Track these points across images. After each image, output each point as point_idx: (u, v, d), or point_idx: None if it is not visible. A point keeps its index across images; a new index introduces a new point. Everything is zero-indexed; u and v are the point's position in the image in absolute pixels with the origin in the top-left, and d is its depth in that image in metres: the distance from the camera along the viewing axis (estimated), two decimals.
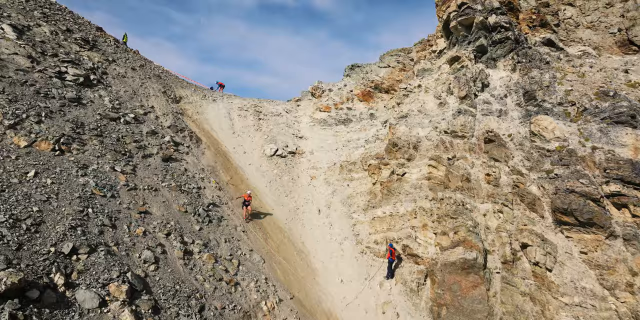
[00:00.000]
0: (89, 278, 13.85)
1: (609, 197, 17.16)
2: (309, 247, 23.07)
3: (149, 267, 16.34)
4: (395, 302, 19.44)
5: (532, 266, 17.28)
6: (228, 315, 16.41)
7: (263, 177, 27.83)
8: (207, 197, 23.13)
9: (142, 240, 17.37)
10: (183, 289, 16.23)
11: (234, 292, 17.77)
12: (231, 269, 18.91)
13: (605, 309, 15.31)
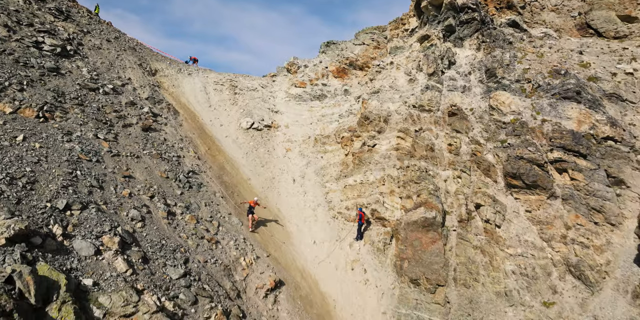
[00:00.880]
0: (84, 230, 15.71)
1: (552, 163, 20.02)
2: (284, 212, 25.40)
3: (136, 224, 18.28)
4: (363, 260, 22.08)
5: (483, 223, 20.12)
6: (210, 268, 18.63)
7: (239, 149, 29.84)
8: (187, 165, 25.08)
9: (128, 201, 19.27)
10: (169, 244, 18.30)
11: (215, 249, 19.99)
12: (212, 229, 21.08)
13: (542, 258, 18.27)
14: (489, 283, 18.50)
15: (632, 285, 15.72)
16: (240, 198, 25.04)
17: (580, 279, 17.38)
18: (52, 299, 11.88)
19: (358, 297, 20.57)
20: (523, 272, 18.28)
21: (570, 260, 17.78)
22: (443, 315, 18.50)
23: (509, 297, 18.00)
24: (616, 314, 15.53)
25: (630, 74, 23.99)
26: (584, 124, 20.65)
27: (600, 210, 18.37)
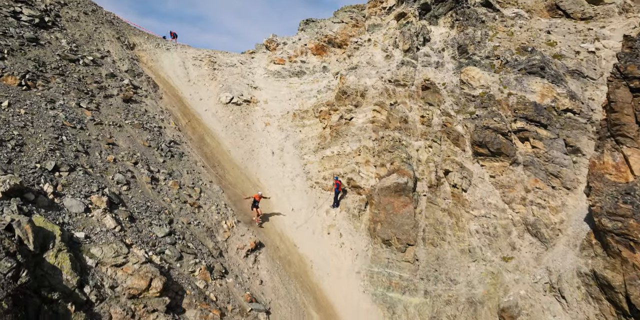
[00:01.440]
0: (73, 190, 16.87)
1: (516, 132, 21.90)
2: (264, 182, 26.84)
3: (121, 188, 19.46)
4: (339, 225, 23.77)
5: (451, 188, 21.97)
6: (193, 229, 20.01)
7: (219, 122, 31.00)
8: (168, 136, 26.18)
9: (113, 166, 20.40)
10: (153, 206, 19.57)
11: (197, 212, 21.34)
12: (194, 195, 22.39)
13: (504, 218, 20.25)
14: (455, 242, 20.45)
15: (581, 239, 17.74)
16: (220, 168, 26.34)
17: (537, 236, 19.42)
18: (48, 247, 13.14)
19: (334, 258, 22.30)
20: (486, 231, 20.25)
21: (528, 220, 19.80)
22: (412, 271, 20.42)
23: (472, 253, 19.99)
24: (565, 265, 17.56)
25: (593, 52, 25.95)
26: (547, 97, 22.53)
27: (558, 175, 20.36)
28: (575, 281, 16.85)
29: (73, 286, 12.66)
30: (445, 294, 19.24)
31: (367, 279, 21.00)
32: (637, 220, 15.06)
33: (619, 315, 15.65)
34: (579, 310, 16.49)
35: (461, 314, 18.49)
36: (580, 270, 16.83)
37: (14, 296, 10.12)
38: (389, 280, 20.54)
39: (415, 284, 20.05)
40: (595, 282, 16.26)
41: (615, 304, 15.68)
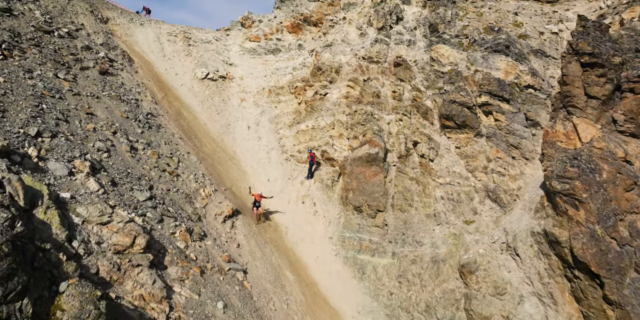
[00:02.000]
0: (56, 154, 17.85)
1: (480, 106, 23.72)
2: (240, 155, 28.10)
3: (102, 155, 20.45)
4: (313, 195, 25.33)
5: (419, 158, 23.75)
6: (173, 195, 21.23)
7: (195, 97, 31.97)
8: (145, 108, 27.10)
9: (93, 134, 21.34)
10: (134, 173, 20.67)
11: (176, 180, 22.53)
12: (172, 164, 23.53)
13: (467, 185, 22.16)
14: (421, 207, 22.29)
15: (535, 203, 19.72)
16: (197, 141, 27.44)
17: (496, 202, 21.39)
18: (37, 204, 14.22)
19: (308, 226, 23.88)
20: (450, 198, 22.12)
21: (489, 187, 21.73)
22: (381, 235, 22.23)
23: (437, 217, 21.87)
24: (520, 226, 19.57)
25: (556, 33, 27.91)
26: (510, 74, 24.40)
27: (518, 146, 22.29)
28: (529, 240, 18.88)
29: (62, 240, 13.81)
30: (411, 254, 21.13)
31: (338, 244, 22.73)
32: (582, 182, 17.05)
33: (564, 268, 17.74)
34: (531, 266, 18.54)
35: (425, 272, 20.42)
36: (533, 230, 18.86)
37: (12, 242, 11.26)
38: (360, 244, 22.32)
39: (384, 247, 21.90)
40: (545, 239, 18.30)
41: (561, 258, 17.75)
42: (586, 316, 17.10)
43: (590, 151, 17.46)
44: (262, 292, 19.22)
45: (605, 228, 16.68)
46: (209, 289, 17.59)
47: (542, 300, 18.02)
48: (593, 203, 16.92)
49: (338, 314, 20.13)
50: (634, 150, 17.47)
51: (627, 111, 17.62)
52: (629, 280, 16.22)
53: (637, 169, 17.27)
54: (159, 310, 15.17)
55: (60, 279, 11.89)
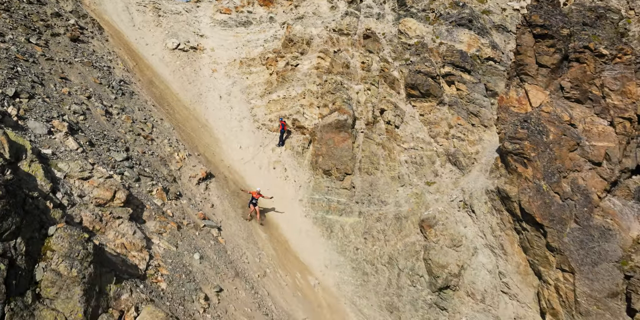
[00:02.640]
0: (35, 114, 18.88)
1: (444, 76, 25.70)
2: (212, 123, 29.40)
3: (78, 117, 21.50)
4: (284, 161, 27.01)
5: (386, 125, 25.66)
6: (148, 157, 22.49)
7: (167, 67, 32.92)
8: (118, 75, 27.99)
9: (68, 98, 22.30)
10: (110, 135, 21.82)
11: (151, 144, 23.76)
12: (146, 129, 24.70)
13: (429, 150, 24.24)
14: (387, 170, 24.28)
15: (490, 165, 21.89)
16: (170, 108, 28.57)
17: (456, 165, 23.54)
18: (21, 157, 15.39)
19: (279, 189, 25.56)
20: (413, 161, 24.17)
21: (450, 151, 23.85)
22: (349, 197, 24.19)
23: (401, 179, 23.91)
24: (477, 186, 21.76)
25: (517, 10, 30.04)
26: (472, 47, 26.41)
27: (477, 114, 24.39)
28: (483, 198, 21.08)
29: (47, 191, 15.04)
30: (376, 213, 23.15)
31: (308, 205, 24.59)
32: (530, 142, 19.24)
33: (514, 222, 20.04)
34: (485, 221, 20.78)
35: (389, 228, 22.50)
36: (488, 188, 21.05)
37: (5, 186, 12.50)
38: (328, 205, 24.24)
39: (351, 207, 23.88)
40: (498, 196, 20.52)
41: (512, 213, 20.02)
42: (532, 264, 19.49)
43: (539, 115, 19.62)
44: (235, 247, 20.87)
45: (550, 184, 18.96)
46: (185, 242, 19.11)
47: (494, 251, 20.34)
48: (540, 161, 19.16)
49: (307, 268, 22.06)
50: (578, 114, 19.73)
51: (573, 79, 19.82)
52: (568, 229, 18.58)
53: (580, 132, 19.55)
54: (140, 257, 16.59)
55: (48, 224, 13.20)
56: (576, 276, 18.01)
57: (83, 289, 12.22)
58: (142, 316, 13.68)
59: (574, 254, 18.20)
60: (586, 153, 19.34)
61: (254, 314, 17.83)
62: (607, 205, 19.20)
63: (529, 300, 19.45)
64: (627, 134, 19.30)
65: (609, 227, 18.69)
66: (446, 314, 20.07)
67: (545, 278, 18.82)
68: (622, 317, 17.69)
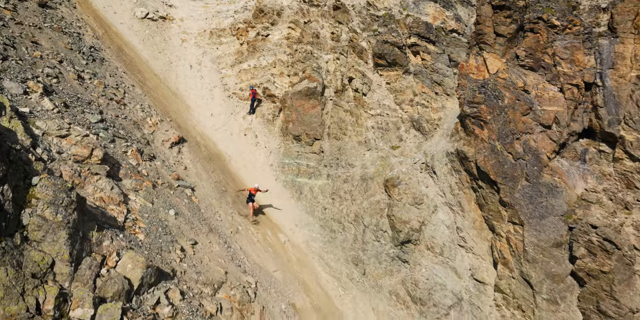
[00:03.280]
0: (10, 75, 19.76)
1: (409, 47, 27.49)
2: (183, 91, 30.49)
3: (52, 80, 22.37)
4: (255, 128, 28.50)
5: (354, 93, 27.40)
6: (122, 121, 23.59)
7: (136, 36, 33.62)
8: (87, 42, 28.68)
9: (40, 61, 23.09)
10: (84, 98, 22.79)
11: (124, 109, 24.81)
12: (119, 94, 25.69)
13: (395, 116, 26.13)
14: (354, 135, 26.10)
15: (450, 130, 23.91)
16: (141, 76, 29.49)
17: (419, 130, 25.56)
18: (1, 114, 16.43)
19: (250, 155, 27.12)
20: (380, 127, 26.07)
21: (414, 117, 25.81)
22: (318, 161, 25.98)
23: (367, 144, 25.80)
24: (438, 149, 23.83)
25: None
26: (437, 19, 28.27)
27: (441, 83, 26.35)
28: (444, 160, 23.15)
29: (28, 146, 16.17)
30: (343, 175, 25.03)
31: (279, 170, 26.31)
32: (487, 106, 21.26)
33: (471, 181, 22.18)
34: (445, 181, 22.86)
35: (355, 189, 24.42)
36: (448, 151, 23.11)
37: None
38: (298, 168, 26.01)
39: (319, 170, 25.69)
40: (457, 158, 22.60)
41: (469, 172, 22.13)
42: (486, 219, 21.71)
43: (496, 81, 21.63)
44: (208, 206, 22.35)
45: (504, 144, 21.07)
46: (160, 199, 20.47)
47: (453, 208, 22.48)
48: (495, 124, 21.22)
49: (278, 227, 23.83)
50: (532, 81, 21.79)
51: (528, 48, 21.84)
52: (519, 186, 20.78)
53: (533, 97, 21.65)
54: (118, 211, 17.90)
55: (32, 174, 14.37)
56: (525, 228, 20.30)
57: (68, 233, 13.49)
58: (123, 261, 15.07)
59: (523, 208, 20.44)
60: (537, 117, 21.49)
61: (227, 265, 19.44)
62: (555, 165, 21.47)
63: (483, 253, 21.73)
64: (575, 99, 21.51)
65: (556, 184, 20.98)
66: (407, 266, 22.23)
67: (497, 231, 21.09)
68: (564, 264, 20.10)
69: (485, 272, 21.46)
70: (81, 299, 12.78)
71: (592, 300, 19.36)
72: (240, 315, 17.97)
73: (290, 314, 19.28)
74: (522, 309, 20.17)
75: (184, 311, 15.75)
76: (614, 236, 19.25)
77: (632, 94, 20.68)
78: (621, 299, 18.83)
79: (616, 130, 20.89)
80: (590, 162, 21.62)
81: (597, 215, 20.20)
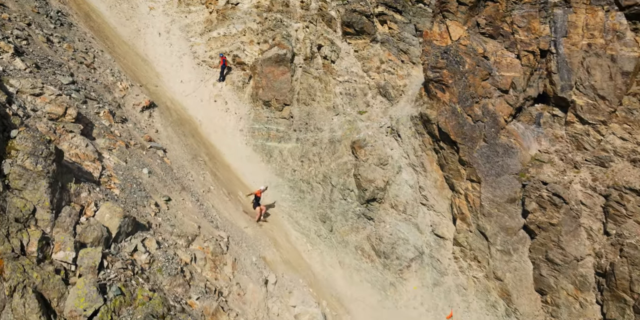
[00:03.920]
0: None
1: (377, 16, 29.04)
2: (152, 58, 31.34)
3: (21, 42, 23.03)
4: (225, 95, 29.70)
5: (323, 60, 28.88)
6: (92, 84, 24.44)
7: (102, 2, 34.07)
8: (54, 6, 29.13)
9: (8, 23, 23.66)
10: (54, 60, 23.55)
11: (94, 72, 25.63)
12: (88, 59, 26.43)
13: (362, 83, 27.76)
14: (323, 101, 27.66)
15: (415, 96, 25.70)
16: (109, 42, 30.15)
17: (385, 96, 27.29)
18: None
19: (220, 120, 28.39)
20: (347, 93, 27.69)
21: (381, 84, 27.51)
22: (287, 125, 27.49)
23: (335, 109, 27.42)
24: (403, 113, 25.63)
25: None
26: None
27: (407, 52, 28.01)
28: (408, 123, 24.98)
29: (3, 102, 17.10)
30: (312, 138, 26.66)
31: (249, 135, 27.73)
32: (448, 70, 23.06)
33: (434, 143, 24.11)
34: (409, 143, 24.71)
35: (324, 151, 26.12)
36: (413, 115, 24.95)
37: None
38: (268, 133, 27.49)
39: (289, 134, 27.23)
40: (420, 121, 24.43)
41: (432, 135, 24.03)
42: (447, 178, 23.72)
43: (457, 47, 23.38)
44: (180, 167, 23.61)
45: (464, 107, 22.97)
46: (134, 159, 21.60)
47: (416, 169, 24.40)
48: (456, 88, 23.06)
49: (248, 188, 25.30)
50: (491, 48, 23.62)
51: (488, 16, 23.62)
52: (478, 146, 22.76)
53: (492, 63, 23.51)
54: (94, 167, 18.99)
55: (10, 128, 15.38)
56: (482, 185, 22.36)
57: (48, 182, 14.60)
58: (101, 211, 16.27)
59: (481, 166, 22.46)
60: (496, 82, 23.39)
61: (200, 221, 20.83)
62: (511, 128, 23.49)
63: (443, 210, 23.76)
64: (531, 66, 23.47)
65: (512, 145, 23.02)
66: (372, 223, 24.13)
67: (457, 189, 23.13)
68: (517, 218, 22.29)
69: (445, 227, 23.54)
70: (63, 242, 13.92)
71: (541, 251, 21.63)
72: (213, 265, 19.46)
73: (261, 266, 20.88)
74: (478, 259, 22.35)
75: (160, 259, 17.05)
76: (563, 191, 21.44)
77: (583, 61, 22.72)
78: (567, 248, 21.11)
79: (568, 95, 22.96)
80: (544, 126, 23.70)
81: (549, 174, 22.34)
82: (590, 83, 22.37)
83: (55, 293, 12.61)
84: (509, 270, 21.94)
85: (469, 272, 22.55)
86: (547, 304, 21.38)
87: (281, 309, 19.70)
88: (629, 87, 21.90)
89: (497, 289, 21.99)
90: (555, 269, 21.26)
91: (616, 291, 19.85)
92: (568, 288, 21.03)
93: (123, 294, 14.04)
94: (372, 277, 23.13)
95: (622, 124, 22.01)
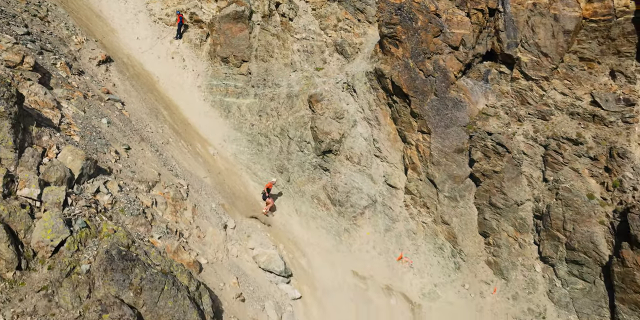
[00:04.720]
0: None
1: None
2: (107, 14, 31.87)
3: None
4: (182, 53, 30.73)
5: (281, 18, 30.20)
6: (47, 36, 25.08)
7: None
8: None
9: None
10: (7, 11, 24.05)
11: (48, 26, 26.22)
12: (42, 12, 26.91)
13: (319, 40, 29.34)
14: (280, 58, 29.11)
15: (370, 53, 27.49)
16: None
17: (342, 54, 28.95)
18: None
19: (178, 77, 29.50)
20: (305, 50, 29.21)
21: (337, 42, 29.12)
22: (246, 81, 28.87)
23: (293, 65, 28.95)
24: (359, 70, 27.46)
25: None
26: None
27: (363, 11, 29.66)
28: (363, 79, 26.80)
29: None
30: (270, 94, 28.17)
31: (207, 91, 28.99)
32: (402, 26, 24.87)
33: (387, 97, 26.02)
34: (364, 98, 26.56)
35: (281, 106, 27.70)
36: (368, 70, 26.79)
37: None
38: (226, 89, 28.81)
39: (247, 90, 28.64)
40: (375, 76, 26.27)
41: (386, 89, 25.93)
42: (399, 131, 25.80)
43: (411, 4, 25.21)
44: (139, 119, 24.76)
45: (416, 62, 24.89)
46: (92, 109, 22.65)
47: (370, 123, 26.33)
48: (409, 43, 24.92)
49: (207, 141, 26.77)
50: (442, 6, 25.57)
51: None
52: (429, 100, 24.80)
53: (443, 21, 25.47)
54: (53, 114, 19.99)
55: None
56: (432, 136, 24.50)
57: (11, 122, 15.66)
58: (63, 153, 17.43)
59: (431, 118, 24.54)
60: (447, 39, 25.36)
61: (160, 169, 22.18)
62: (461, 83, 25.60)
63: (396, 162, 25.86)
64: (480, 24, 25.53)
65: (460, 100, 25.15)
66: (328, 174, 26.04)
67: (408, 140, 25.23)
68: (464, 167, 24.58)
69: (397, 178, 25.67)
70: (27, 180, 15.08)
71: (485, 196, 24.04)
72: (174, 209, 20.94)
73: (221, 212, 22.48)
74: (427, 206, 24.61)
75: (122, 200, 18.38)
76: (506, 141, 23.77)
77: (528, 20, 24.86)
78: (509, 193, 23.55)
79: (514, 52, 25.16)
80: (491, 82, 25.91)
81: (494, 126, 24.64)
82: (535, 41, 24.58)
83: (22, 225, 13.76)
84: (456, 215, 24.30)
85: (419, 217, 24.82)
86: (489, 245, 23.91)
87: (240, 250, 21.42)
88: (570, 45, 24.21)
89: (444, 233, 24.35)
90: (497, 213, 23.75)
91: (551, 230, 22.46)
92: (509, 230, 23.56)
93: (88, 227, 15.33)
94: (328, 223, 25.13)
95: (563, 79, 24.37)
